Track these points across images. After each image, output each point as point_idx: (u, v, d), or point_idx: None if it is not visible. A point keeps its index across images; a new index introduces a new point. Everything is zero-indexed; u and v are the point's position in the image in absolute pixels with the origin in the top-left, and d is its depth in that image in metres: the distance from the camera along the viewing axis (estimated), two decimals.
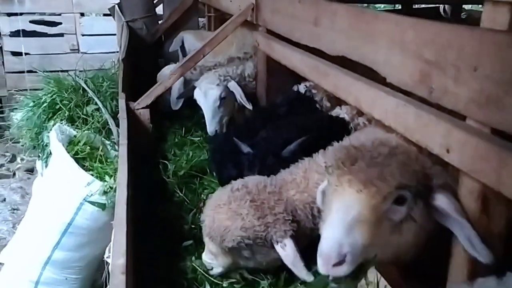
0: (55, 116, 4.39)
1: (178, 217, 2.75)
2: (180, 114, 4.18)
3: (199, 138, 3.67)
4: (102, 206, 3.87)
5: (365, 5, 6.38)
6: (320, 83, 2.53)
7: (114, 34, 7.58)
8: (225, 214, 2.00)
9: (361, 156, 1.66)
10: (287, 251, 1.97)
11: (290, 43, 3.00)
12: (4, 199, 5.90)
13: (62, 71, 4.88)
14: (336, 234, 1.56)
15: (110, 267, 1.71)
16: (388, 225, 1.61)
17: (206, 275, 2.23)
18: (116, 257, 1.69)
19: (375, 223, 1.58)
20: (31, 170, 6.76)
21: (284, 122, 2.72)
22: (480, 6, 7.16)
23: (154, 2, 5.66)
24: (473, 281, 1.42)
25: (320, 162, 2.14)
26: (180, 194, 2.93)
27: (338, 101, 2.92)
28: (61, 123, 4.24)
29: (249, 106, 3.41)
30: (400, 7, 7.13)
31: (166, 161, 3.29)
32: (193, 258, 2.36)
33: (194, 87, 3.44)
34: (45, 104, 4.44)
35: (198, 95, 3.42)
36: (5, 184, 6.25)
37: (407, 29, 1.80)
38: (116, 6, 6.39)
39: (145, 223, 2.62)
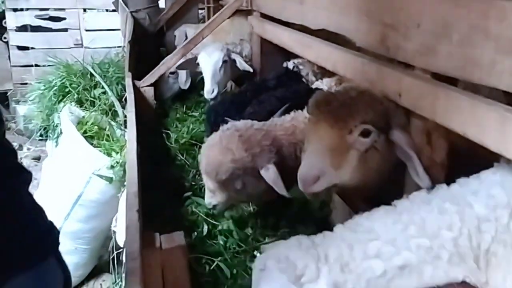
0: (65, 99, 4.81)
1: (179, 177, 3.14)
2: (180, 97, 4.60)
3: (198, 113, 4.07)
4: (110, 180, 4.26)
5: None
6: (305, 55, 2.94)
7: (117, 29, 7.98)
8: (217, 151, 2.34)
9: (334, 99, 2.04)
10: (269, 173, 2.30)
11: (281, 24, 3.42)
12: None
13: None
14: (313, 160, 1.96)
15: (126, 195, 2.10)
16: (356, 153, 1.97)
17: (204, 217, 2.63)
18: (130, 187, 2.09)
19: (344, 152, 1.96)
20: (37, 159, 7.15)
21: (267, 97, 3.10)
22: None
23: None
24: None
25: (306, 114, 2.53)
26: (182, 157, 3.33)
27: (322, 76, 3.34)
28: (71, 105, 4.66)
29: (249, 69, 3.86)
30: None
31: (168, 131, 3.69)
32: (193, 205, 2.77)
33: (195, 58, 3.84)
34: (55, 88, 4.86)
35: (202, 57, 3.82)
36: None
37: None
38: None
39: (150, 180, 3.01)
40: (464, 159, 2.02)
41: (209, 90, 3.68)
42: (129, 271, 1.64)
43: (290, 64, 3.46)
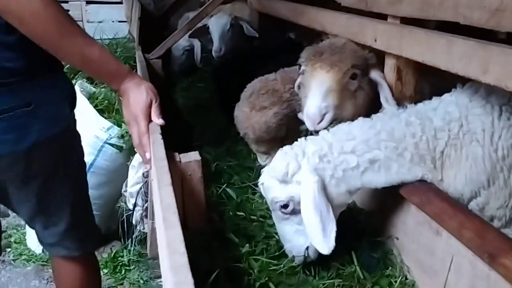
0: (76, 76, 5.27)
1: (188, 131, 3.60)
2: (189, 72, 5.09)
3: (203, 84, 4.53)
4: (120, 148, 4.69)
5: None
6: (298, 21, 3.42)
7: (119, 21, 8.45)
8: (257, 116, 2.69)
9: (325, 50, 2.46)
10: None
11: None
12: None
13: None
14: (317, 101, 2.35)
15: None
16: (348, 93, 2.40)
17: (211, 159, 3.08)
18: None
19: (340, 91, 2.37)
20: None
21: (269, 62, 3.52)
22: None
23: None
24: None
25: None
26: (188, 118, 3.80)
27: None
28: (83, 81, 5.11)
29: (255, 34, 4.35)
30: None
31: (176, 97, 4.16)
32: (202, 151, 3.20)
33: (205, 26, 4.30)
34: (67, 65, 5.30)
35: (211, 21, 4.33)
36: None
37: None
38: None
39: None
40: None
41: (217, 49, 4.13)
42: (159, 178, 2.01)
43: (292, 35, 3.94)
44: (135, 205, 4.66)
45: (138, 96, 1.95)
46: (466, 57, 1.84)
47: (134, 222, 4.77)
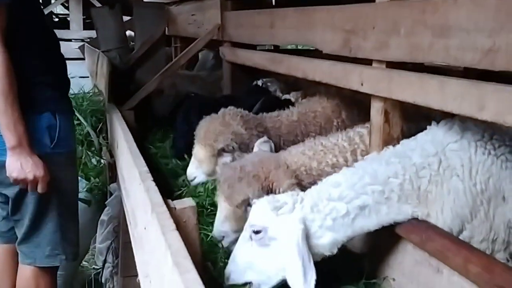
0: None
1: (169, 182, 3.54)
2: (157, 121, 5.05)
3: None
4: (88, 203, 4.59)
5: None
6: (277, 70, 3.49)
7: (80, 77, 8.45)
8: (219, 123, 2.80)
9: (229, 178, 2.54)
10: (265, 146, 2.73)
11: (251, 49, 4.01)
12: None
13: None
14: (218, 225, 2.55)
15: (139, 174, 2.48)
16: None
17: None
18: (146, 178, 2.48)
19: (237, 218, 2.49)
20: None
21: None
22: None
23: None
24: None
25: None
26: (167, 166, 3.75)
27: (288, 92, 3.90)
28: None
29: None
30: None
31: (152, 147, 4.12)
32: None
33: None
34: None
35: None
36: None
37: (335, 13, 2.79)
38: (86, 44, 7.37)
39: None
40: None
41: None
42: (162, 224, 1.96)
43: (259, 82, 4.02)
44: (104, 262, 4.49)
45: None
46: (460, 96, 1.91)
47: (103, 280, 4.57)
